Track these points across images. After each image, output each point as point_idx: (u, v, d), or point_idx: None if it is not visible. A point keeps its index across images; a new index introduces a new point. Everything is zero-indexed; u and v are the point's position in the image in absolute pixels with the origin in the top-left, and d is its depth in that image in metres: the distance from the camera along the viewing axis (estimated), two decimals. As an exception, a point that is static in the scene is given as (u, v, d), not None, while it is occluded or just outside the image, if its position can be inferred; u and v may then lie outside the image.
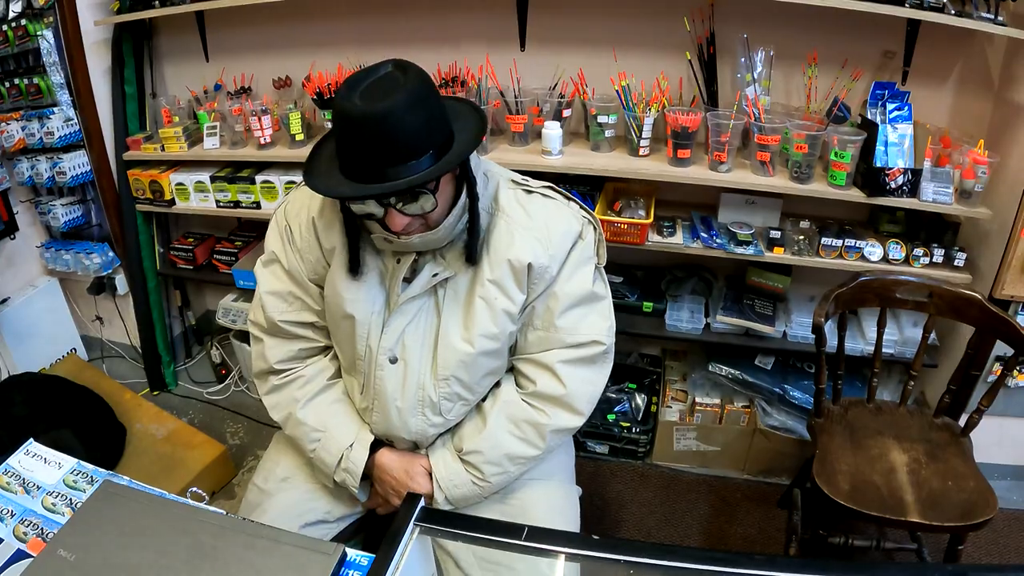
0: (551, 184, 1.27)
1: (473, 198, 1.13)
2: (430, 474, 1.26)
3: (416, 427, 1.24)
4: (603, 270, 1.30)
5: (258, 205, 2.28)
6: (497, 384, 1.29)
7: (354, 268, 1.19)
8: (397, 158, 0.99)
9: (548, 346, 1.23)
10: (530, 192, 1.23)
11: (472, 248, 1.15)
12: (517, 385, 1.28)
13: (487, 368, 1.24)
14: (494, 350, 1.21)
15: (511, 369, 1.31)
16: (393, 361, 1.21)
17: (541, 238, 1.18)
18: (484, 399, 1.29)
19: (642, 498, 2.18)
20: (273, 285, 1.28)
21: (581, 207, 1.26)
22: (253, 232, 2.62)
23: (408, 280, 1.19)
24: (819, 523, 1.68)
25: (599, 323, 1.25)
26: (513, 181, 1.24)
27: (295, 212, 1.26)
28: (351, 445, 1.26)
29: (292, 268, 1.26)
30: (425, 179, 1.01)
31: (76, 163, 2.36)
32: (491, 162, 1.29)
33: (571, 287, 1.21)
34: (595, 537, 0.85)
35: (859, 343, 2.05)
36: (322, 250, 1.24)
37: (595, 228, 1.26)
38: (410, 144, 0.99)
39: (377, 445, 1.29)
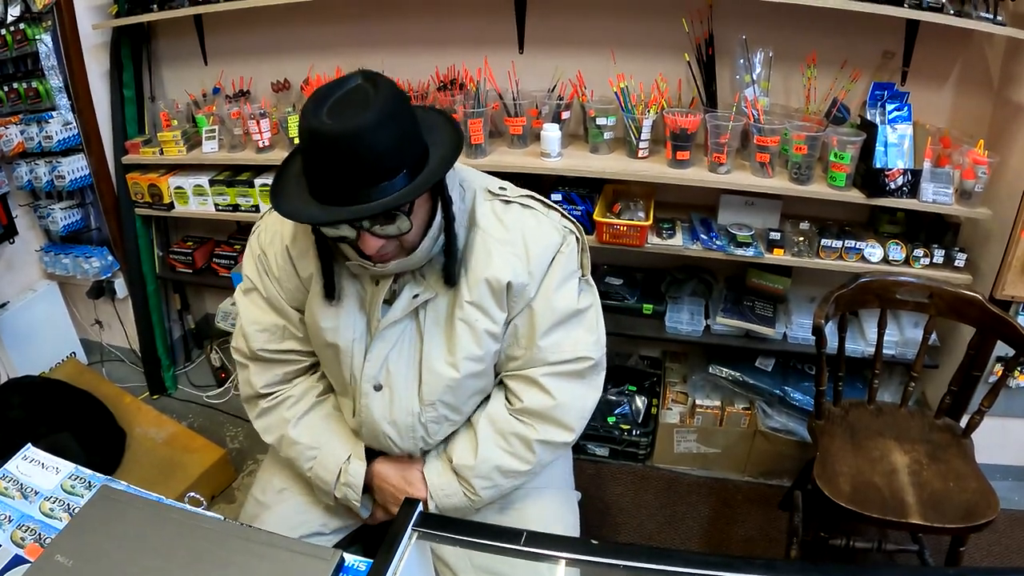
0: (531, 192, 1.20)
1: (449, 219, 1.08)
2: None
3: (405, 447, 1.23)
4: (590, 278, 1.23)
5: (257, 208, 2.28)
6: (487, 398, 1.26)
7: (329, 294, 1.14)
8: (369, 179, 0.94)
9: (532, 364, 1.18)
10: (508, 202, 1.17)
11: (450, 269, 1.11)
12: (506, 400, 1.23)
13: (473, 389, 1.21)
14: (479, 371, 1.18)
15: (500, 383, 1.27)
16: (378, 388, 1.18)
17: (519, 253, 1.13)
18: (476, 413, 1.26)
19: (643, 501, 2.17)
20: (254, 314, 1.25)
21: (563, 215, 1.20)
22: (252, 235, 2.61)
23: (388, 302, 1.15)
24: (820, 525, 1.67)
25: (585, 338, 1.19)
26: (490, 191, 1.17)
27: (268, 240, 1.22)
28: (348, 458, 1.24)
29: (271, 296, 1.23)
30: (399, 201, 0.96)
31: (75, 167, 2.36)
32: (467, 169, 1.22)
33: (552, 305, 1.15)
34: (594, 541, 0.85)
35: (859, 344, 2.04)
36: (300, 278, 1.20)
37: (578, 238, 1.20)
38: (383, 164, 0.94)
39: (371, 455, 1.27)
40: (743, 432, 2.19)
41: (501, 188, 1.19)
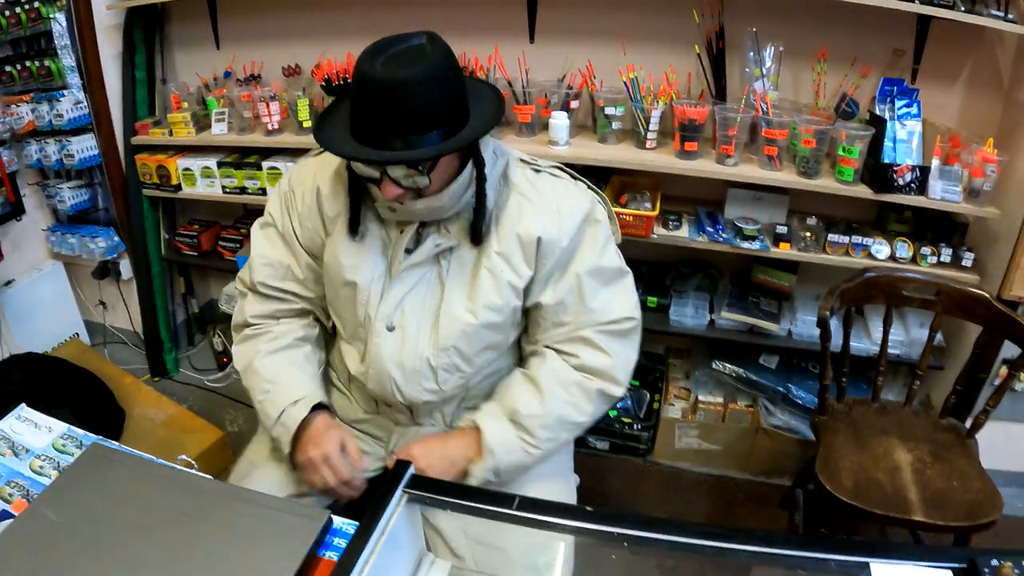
0: (559, 164, 1.27)
1: (481, 178, 1.13)
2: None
3: (411, 394, 1.23)
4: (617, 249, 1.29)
5: (264, 191, 2.28)
6: (499, 374, 1.29)
7: (354, 228, 1.19)
8: (401, 130, 1.00)
9: (583, 327, 1.22)
10: (538, 171, 1.23)
11: (477, 227, 1.15)
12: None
13: (487, 341, 1.22)
14: (496, 323, 1.20)
15: (532, 353, 1.29)
16: (391, 329, 1.20)
17: (550, 213, 1.18)
18: (530, 367, 1.26)
19: (642, 495, 2.15)
20: (264, 248, 1.30)
21: (589, 185, 1.27)
22: (258, 221, 2.61)
23: (410, 251, 1.19)
24: (821, 523, 1.65)
25: (628, 300, 1.25)
26: (522, 160, 1.24)
27: (300, 179, 1.27)
28: (295, 402, 1.22)
29: (286, 233, 1.27)
30: (421, 157, 1.01)
31: (84, 146, 2.37)
32: (500, 142, 1.29)
33: (600, 266, 1.20)
34: (589, 508, 0.83)
35: (864, 343, 2.02)
36: (323, 218, 1.24)
37: (605, 205, 1.26)
38: (417, 119, 1.00)
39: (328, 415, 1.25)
40: (745, 429, 2.17)
41: (532, 158, 1.26)
